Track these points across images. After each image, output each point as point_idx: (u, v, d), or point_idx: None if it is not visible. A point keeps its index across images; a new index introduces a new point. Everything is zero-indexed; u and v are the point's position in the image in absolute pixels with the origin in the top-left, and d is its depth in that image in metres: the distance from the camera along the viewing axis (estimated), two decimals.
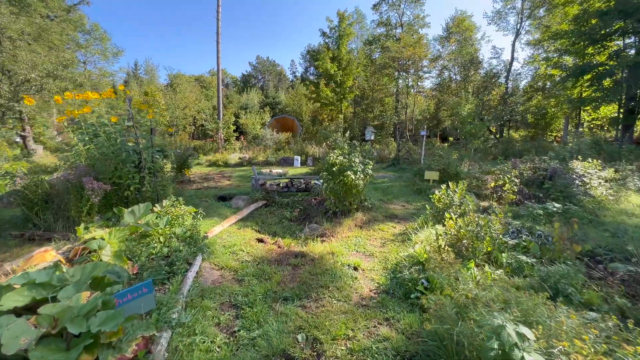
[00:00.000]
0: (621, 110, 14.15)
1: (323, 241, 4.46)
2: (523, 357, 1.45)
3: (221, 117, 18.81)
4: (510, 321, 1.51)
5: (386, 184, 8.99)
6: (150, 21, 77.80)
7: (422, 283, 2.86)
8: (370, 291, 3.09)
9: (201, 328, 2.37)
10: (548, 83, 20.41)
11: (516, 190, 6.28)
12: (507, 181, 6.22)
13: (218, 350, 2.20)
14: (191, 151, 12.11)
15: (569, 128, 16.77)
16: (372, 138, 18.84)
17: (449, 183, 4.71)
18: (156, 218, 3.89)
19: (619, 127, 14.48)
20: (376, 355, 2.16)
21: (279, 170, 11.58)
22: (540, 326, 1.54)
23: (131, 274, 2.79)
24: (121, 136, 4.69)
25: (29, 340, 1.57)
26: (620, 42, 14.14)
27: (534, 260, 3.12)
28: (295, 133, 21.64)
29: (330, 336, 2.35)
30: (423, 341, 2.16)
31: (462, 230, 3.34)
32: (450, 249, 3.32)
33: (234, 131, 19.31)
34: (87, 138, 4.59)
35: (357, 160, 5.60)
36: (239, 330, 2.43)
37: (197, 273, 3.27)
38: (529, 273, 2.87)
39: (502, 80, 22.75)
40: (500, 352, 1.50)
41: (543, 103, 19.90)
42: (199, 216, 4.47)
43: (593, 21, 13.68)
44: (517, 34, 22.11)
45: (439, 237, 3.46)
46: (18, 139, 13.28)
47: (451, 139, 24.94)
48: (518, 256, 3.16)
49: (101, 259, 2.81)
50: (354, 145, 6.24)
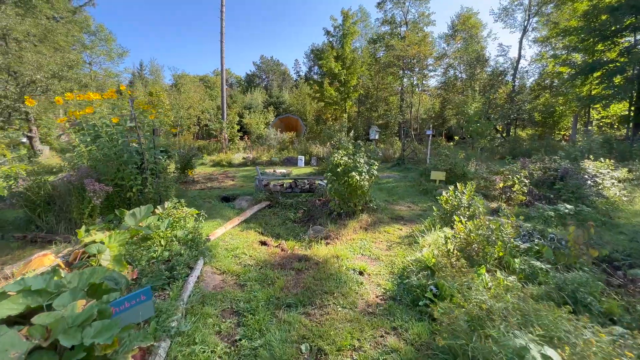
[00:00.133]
0: (632, 108, 13.83)
1: (327, 244, 4.35)
2: None
3: (225, 117, 18.77)
4: (533, 342, 1.39)
5: (391, 184, 8.85)
6: (150, 21, 78.49)
7: (431, 290, 2.74)
8: (376, 297, 2.98)
9: (201, 337, 2.28)
10: (556, 81, 20.06)
11: (526, 191, 6.12)
12: (517, 182, 6.05)
13: None
14: (195, 151, 12.10)
15: (578, 126, 16.42)
16: (377, 137, 18.67)
17: (457, 184, 4.57)
18: (158, 220, 3.82)
19: (630, 126, 14.15)
20: None
21: (283, 170, 11.49)
22: (566, 346, 1.42)
23: (130, 280, 2.72)
24: (123, 137, 4.63)
25: (19, 354, 1.49)
26: (631, 39, 13.80)
27: (549, 266, 2.98)
28: (299, 133, 21.54)
29: (335, 347, 2.25)
30: (433, 354, 2.05)
31: (473, 234, 3.21)
32: (459, 254, 3.20)
33: (238, 131, 19.28)
34: (89, 139, 4.55)
35: (362, 160, 5.47)
36: (241, 339, 2.34)
37: (198, 278, 3.19)
38: (544, 280, 2.73)
39: (509, 78, 22.42)
40: None
41: (551, 101, 19.55)
42: (202, 218, 4.39)
43: (603, 17, 13.37)
44: (525, 31, 21.78)
45: (448, 241, 3.34)
46: (25, 140, 13.38)
47: (457, 138, 24.66)
48: (531, 262, 3.02)
49: (100, 264, 2.74)
50: (359, 145, 6.09)
